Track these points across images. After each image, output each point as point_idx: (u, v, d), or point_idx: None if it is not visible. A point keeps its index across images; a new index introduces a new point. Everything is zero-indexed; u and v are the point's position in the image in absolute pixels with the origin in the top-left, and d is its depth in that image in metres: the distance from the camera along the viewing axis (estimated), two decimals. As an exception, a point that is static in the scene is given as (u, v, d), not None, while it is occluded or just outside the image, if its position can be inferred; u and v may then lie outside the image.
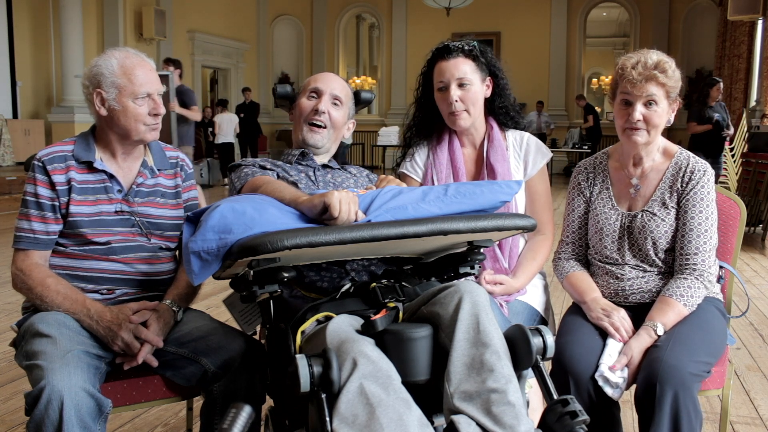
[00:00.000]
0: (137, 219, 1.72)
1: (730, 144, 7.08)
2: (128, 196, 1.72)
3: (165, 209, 1.77)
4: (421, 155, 2.04)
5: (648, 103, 1.73)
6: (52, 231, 1.65)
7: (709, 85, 6.96)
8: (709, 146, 6.84)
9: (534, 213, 1.95)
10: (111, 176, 1.70)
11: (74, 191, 1.66)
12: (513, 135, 2.01)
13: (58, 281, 1.62)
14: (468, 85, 1.89)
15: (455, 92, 1.88)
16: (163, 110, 1.70)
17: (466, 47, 1.91)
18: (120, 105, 1.66)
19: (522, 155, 1.99)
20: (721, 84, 7.10)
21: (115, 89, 1.66)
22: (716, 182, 6.83)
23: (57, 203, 1.65)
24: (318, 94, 1.85)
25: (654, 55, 1.74)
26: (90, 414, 1.38)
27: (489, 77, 1.95)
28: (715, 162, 6.96)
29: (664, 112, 1.76)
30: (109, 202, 1.69)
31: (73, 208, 1.65)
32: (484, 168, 1.96)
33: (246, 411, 1.14)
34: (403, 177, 2.05)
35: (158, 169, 1.79)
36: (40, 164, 1.65)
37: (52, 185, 1.64)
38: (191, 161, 1.91)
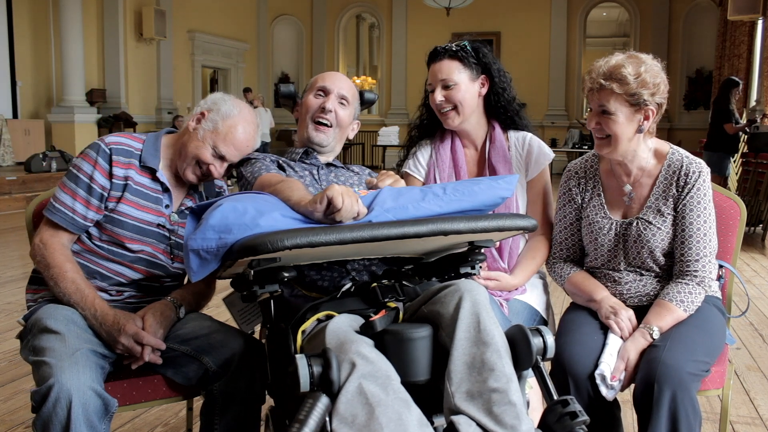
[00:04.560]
0: (174, 239, 1.72)
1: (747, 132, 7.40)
2: (173, 215, 1.72)
3: None
4: (424, 154, 2.05)
5: (602, 113, 1.68)
6: (91, 218, 1.64)
7: (733, 86, 7.20)
8: (731, 145, 7.22)
9: (535, 214, 1.95)
10: (167, 190, 1.71)
11: (129, 190, 1.66)
12: (515, 136, 2.01)
13: (76, 270, 1.62)
14: (452, 86, 1.90)
15: (439, 93, 1.91)
16: (213, 176, 1.71)
17: (453, 48, 1.92)
18: (200, 137, 1.69)
19: (524, 156, 1.99)
20: (741, 85, 7.45)
21: (212, 125, 1.69)
22: (725, 177, 7.00)
23: (107, 194, 1.64)
24: (325, 92, 1.86)
25: (613, 61, 1.67)
26: (97, 413, 1.39)
27: (483, 76, 1.96)
28: (731, 158, 7.35)
29: (624, 121, 1.67)
30: (155, 213, 1.69)
31: (122, 207, 1.65)
32: (485, 169, 1.96)
33: (323, 402, 1.13)
34: (405, 176, 2.05)
35: (206, 197, 1.80)
36: (107, 150, 1.65)
37: (110, 176, 1.64)
38: None
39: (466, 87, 1.92)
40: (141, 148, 1.70)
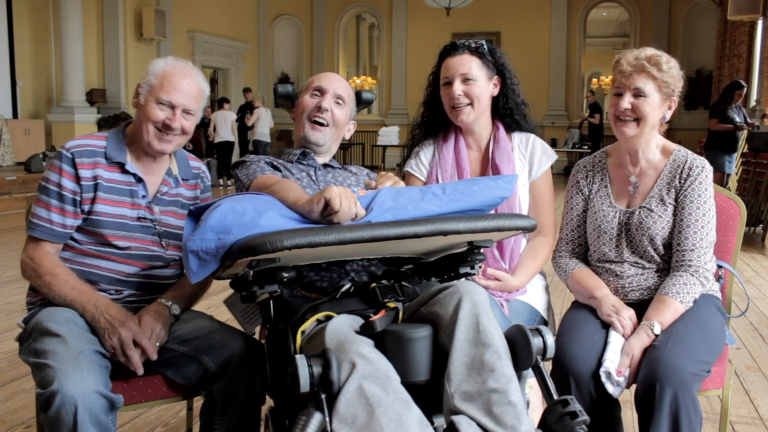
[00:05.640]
0: (158, 228, 1.71)
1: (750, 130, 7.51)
2: (151, 204, 1.71)
3: (184, 220, 1.76)
4: (426, 154, 2.04)
5: (637, 95, 1.75)
6: (69, 225, 1.64)
7: (736, 88, 7.42)
8: (725, 144, 7.40)
9: (536, 215, 1.96)
10: (139, 180, 1.70)
11: (101, 189, 1.65)
12: (519, 137, 2.02)
13: (67, 272, 1.62)
14: (472, 81, 1.89)
15: (458, 87, 1.89)
16: (177, 125, 1.67)
17: (473, 45, 1.93)
18: (144, 102, 1.67)
19: (527, 157, 2.00)
20: (745, 90, 7.66)
21: (147, 86, 1.68)
22: (726, 177, 7.13)
23: (79, 198, 1.63)
24: (321, 92, 1.86)
25: (649, 50, 1.77)
26: (103, 411, 1.40)
27: (497, 77, 1.96)
28: (729, 159, 7.50)
29: (656, 106, 1.76)
30: (131, 207, 1.68)
31: (98, 207, 1.64)
32: (489, 169, 1.97)
33: (316, 418, 1.13)
34: (407, 175, 2.05)
35: (182, 179, 1.79)
36: (69, 155, 1.64)
37: (77, 179, 1.63)
38: None
39: (484, 85, 1.92)
40: (105, 146, 1.69)
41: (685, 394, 1.51)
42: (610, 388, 1.60)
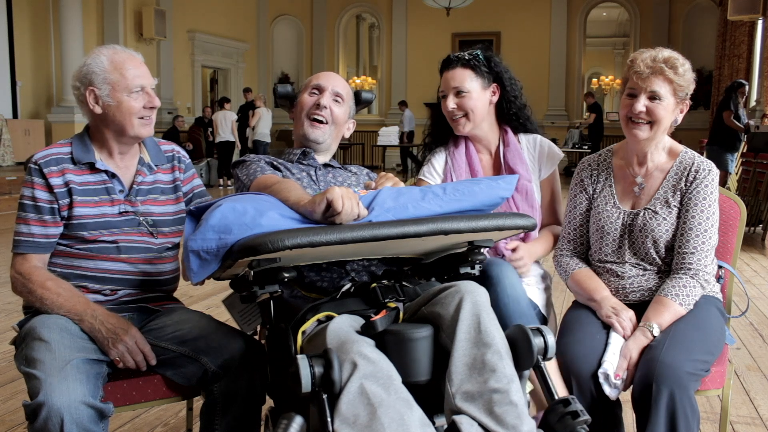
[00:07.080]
0: (142, 218, 1.71)
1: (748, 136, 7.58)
2: (130, 196, 1.71)
3: (166, 206, 1.77)
4: (439, 161, 2.10)
5: (652, 97, 1.72)
6: (52, 234, 1.64)
7: (738, 86, 7.61)
8: (729, 142, 7.50)
9: (546, 211, 2.05)
10: (113, 176, 1.69)
11: (75, 193, 1.64)
12: (526, 138, 2.08)
13: (58, 283, 1.61)
14: (465, 93, 1.96)
15: (451, 101, 1.98)
16: (157, 103, 1.68)
17: (467, 57, 1.99)
18: (114, 100, 1.64)
19: (536, 157, 2.06)
20: (747, 87, 7.85)
21: (108, 85, 1.63)
22: (726, 177, 7.19)
23: (56, 206, 1.63)
24: (320, 90, 1.87)
25: (666, 52, 1.75)
26: (91, 421, 1.39)
27: (495, 84, 2.01)
28: (731, 158, 7.60)
29: (670, 109, 1.74)
30: (111, 204, 1.68)
31: (77, 210, 1.64)
32: (503, 171, 2.03)
33: (297, 422, 1.14)
34: (419, 183, 2.09)
35: (155, 165, 1.78)
36: (37, 167, 1.63)
37: (49, 188, 1.62)
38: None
39: (478, 95, 1.98)
40: (70, 151, 1.67)
41: (682, 393, 1.50)
42: (608, 390, 1.60)
